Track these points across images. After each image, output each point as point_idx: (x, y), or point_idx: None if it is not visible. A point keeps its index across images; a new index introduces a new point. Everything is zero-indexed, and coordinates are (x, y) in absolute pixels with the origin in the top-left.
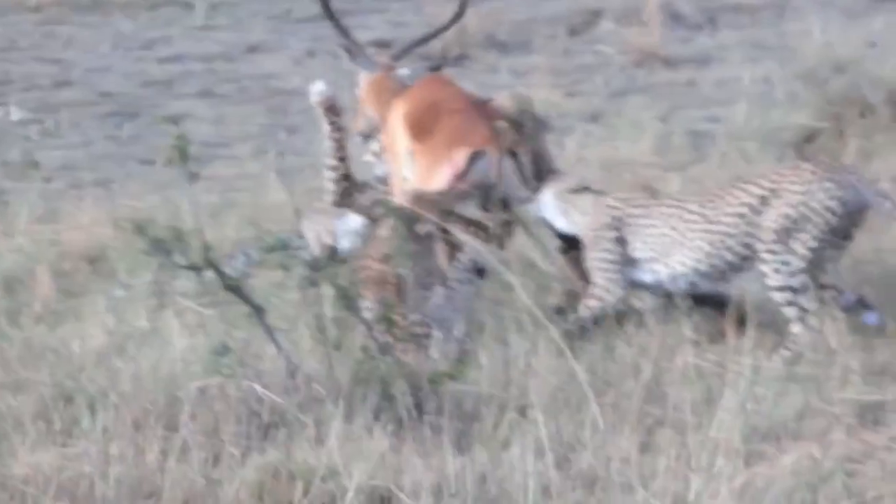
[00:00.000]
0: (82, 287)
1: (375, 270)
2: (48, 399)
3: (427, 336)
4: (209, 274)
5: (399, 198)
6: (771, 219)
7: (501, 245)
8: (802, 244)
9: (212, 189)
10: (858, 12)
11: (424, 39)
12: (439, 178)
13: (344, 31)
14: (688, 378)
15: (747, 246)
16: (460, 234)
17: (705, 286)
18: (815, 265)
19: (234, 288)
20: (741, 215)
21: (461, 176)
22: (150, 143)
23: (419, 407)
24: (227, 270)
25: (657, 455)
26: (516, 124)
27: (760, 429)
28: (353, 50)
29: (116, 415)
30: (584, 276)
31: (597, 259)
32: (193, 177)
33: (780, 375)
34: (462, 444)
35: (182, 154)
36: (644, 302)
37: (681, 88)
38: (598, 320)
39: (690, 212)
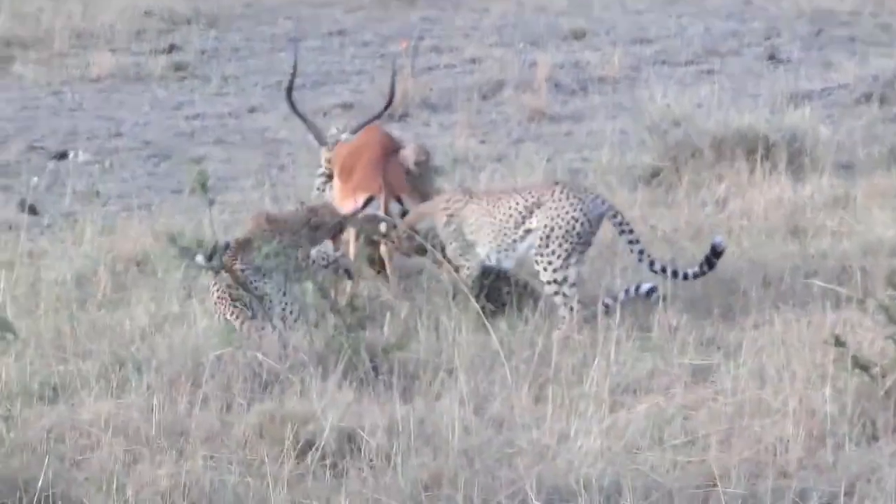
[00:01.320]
0: (132, 282)
1: None
2: (107, 364)
3: None
4: (223, 273)
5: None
6: (535, 226)
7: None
8: (560, 247)
9: (224, 211)
10: (689, 82)
11: (373, 118)
12: (347, 209)
13: (308, 123)
14: (569, 348)
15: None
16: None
17: (508, 262)
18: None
19: (242, 283)
20: (512, 216)
21: (358, 212)
22: (180, 177)
23: (376, 369)
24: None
25: (547, 404)
26: (416, 168)
27: (622, 385)
28: (316, 133)
29: (156, 375)
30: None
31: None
32: (210, 202)
33: (635, 346)
34: (407, 397)
35: (202, 185)
36: (539, 292)
37: (562, 137)
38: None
39: (483, 207)
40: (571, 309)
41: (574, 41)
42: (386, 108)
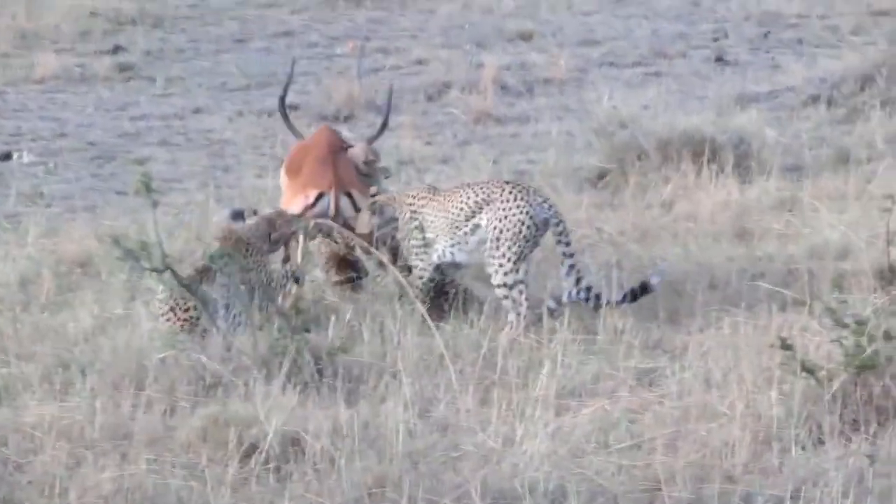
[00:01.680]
0: (75, 284)
1: None
2: (50, 366)
3: None
4: (167, 274)
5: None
6: (485, 224)
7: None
8: (509, 249)
9: (168, 213)
10: (636, 84)
11: (374, 138)
12: (295, 208)
13: (293, 129)
14: (515, 351)
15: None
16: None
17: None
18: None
19: (186, 286)
20: (462, 210)
21: (308, 208)
22: (124, 179)
23: (320, 372)
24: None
25: (492, 407)
26: (365, 166)
27: (567, 388)
28: (293, 130)
29: (100, 378)
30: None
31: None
32: (155, 203)
33: (581, 349)
34: (351, 400)
35: (146, 187)
36: (482, 293)
37: (508, 139)
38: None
39: (440, 203)
40: (519, 314)
41: (521, 43)
42: (382, 129)
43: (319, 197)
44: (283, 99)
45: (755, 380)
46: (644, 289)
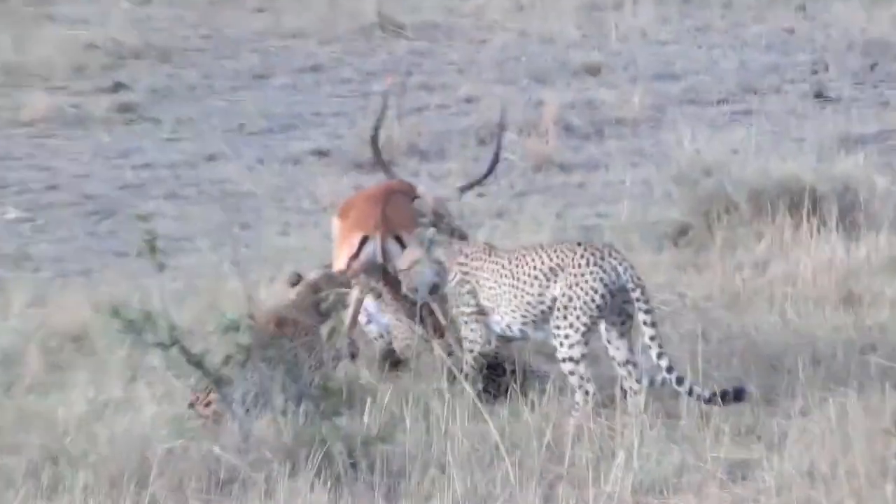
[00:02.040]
0: (67, 362)
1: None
2: (37, 459)
3: None
4: (174, 350)
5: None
6: (556, 294)
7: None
8: (577, 320)
9: (177, 277)
10: (722, 125)
11: (478, 181)
12: (342, 257)
13: (385, 167)
14: (584, 439)
15: (543, 304)
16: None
17: (536, 334)
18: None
19: (197, 363)
20: (537, 278)
21: (353, 256)
22: (125, 238)
23: (354, 465)
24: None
25: None
26: (433, 216)
27: (646, 483)
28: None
29: (95, 473)
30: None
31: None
32: (161, 267)
33: (661, 436)
34: (391, 498)
35: (151, 247)
36: (542, 368)
37: (573, 189)
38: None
39: (503, 267)
40: (587, 392)
41: (587, 77)
42: (490, 170)
43: (364, 241)
44: (375, 136)
45: (867, 472)
46: (738, 395)
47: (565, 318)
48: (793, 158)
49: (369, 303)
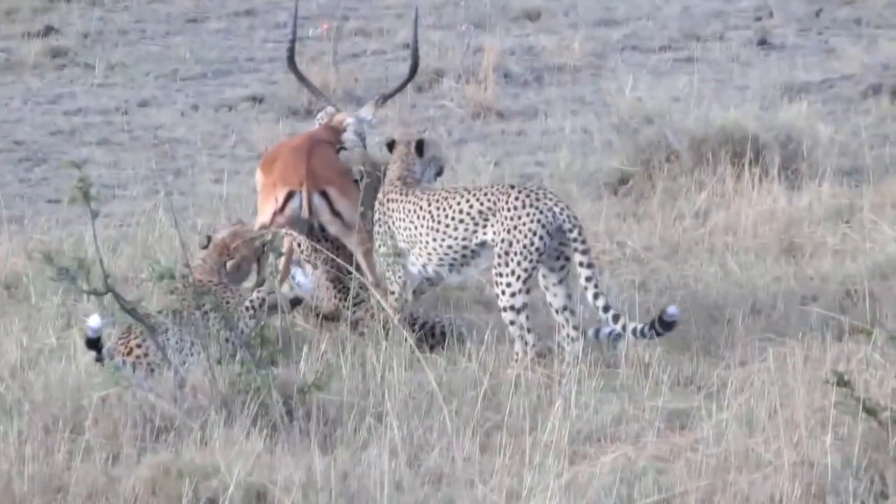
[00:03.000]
0: (0, 310)
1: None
2: None
3: None
4: (108, 297)
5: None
6: (491, 240)
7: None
8: (518, 266)
9: (110, 224)
10: (664, 72)
11: (387, 97)
12: (267, 211)
13: (315, 91)
14: (521, 388)
15: (467, 249)
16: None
17: (451, 277)
18: (544, 287)
19: (131, 310)
20: (462, 221)
21: (279, 211)
22: (57, 185)
23: (290, 413)
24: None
25: (495, 455)
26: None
27: (583, 432)
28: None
29: (30, 420)
30: None
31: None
32: (94, 214)
33: (599, 386)
34: (327, 446)
35: (84, 194)
36: (480, 319)
37: (512, 137)
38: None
39: (421, 208)
40: (527, 343)
41: (527, 23)
42: (411, 75)
43: (289, 196)
44: (291, 55)
45: (807, 422)
46: (664, 323)
47: (507, 264)
48: (735, 107)
49: (295, 270)
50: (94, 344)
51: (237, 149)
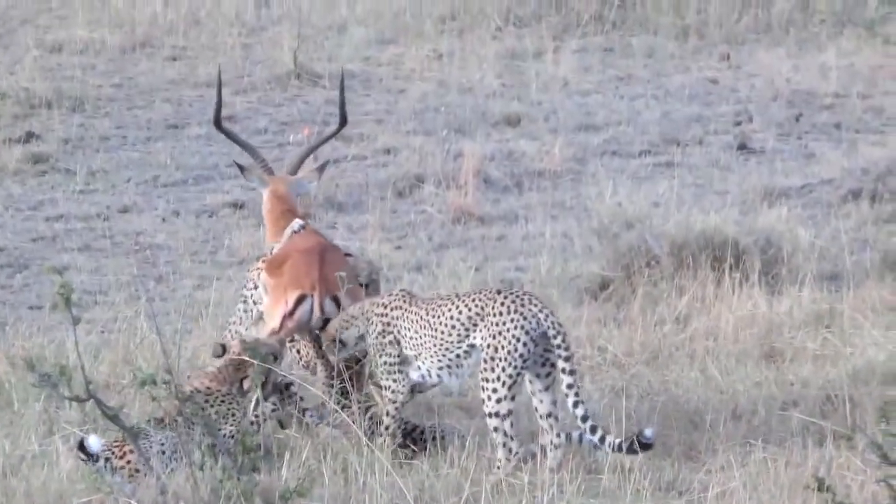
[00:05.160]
0: None
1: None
2: None
3: None
4: (90, 404)
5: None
6: (476, 343)
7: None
8: (503, 371)
9: (91, 330)
10: (644, 177)
11: (312, 149)
12: (276, 316)
13: (248, 148)
14: (503, 494)
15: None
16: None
17: (451, 381)
18: (531, 393)
19: (113, 416)
20: (454, 328)
21: (288, 315)
22: (39, 291)
23: None
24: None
25: None
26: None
27: None
28: (247, 168)
29: None
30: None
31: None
32: (76, 320)
33: (581, 491)
34: None
35: (66, 300)
36: (462, 425)
37: (492, 242)
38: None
39: (421, 317)
40: (510, 450)
41: (507, 128)
42: (339, 127)
43: (301, 300)
44: (217, 116)
45: None
46: (641, 444)
47: (492, 370)
48: (715, 211)
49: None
50: (87, 453)
51: (218, 255)
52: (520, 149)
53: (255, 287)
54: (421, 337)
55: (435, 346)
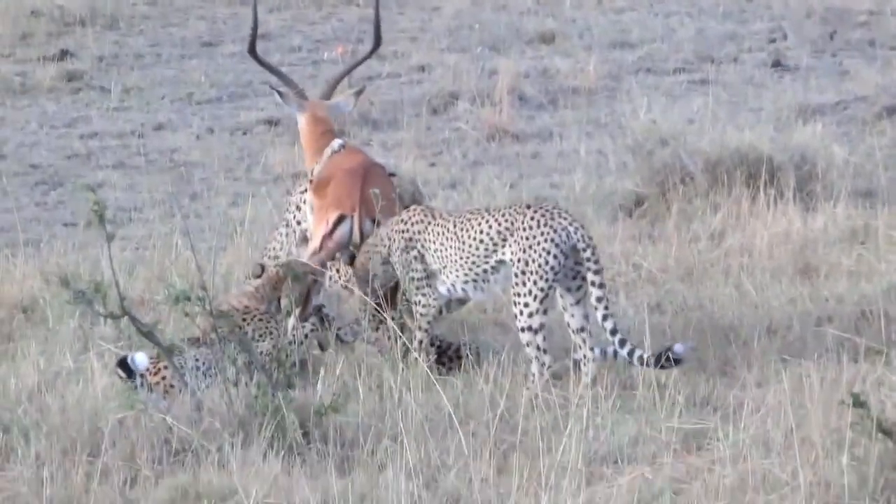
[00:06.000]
0: (18, 333)
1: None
2: None
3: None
4: (125, 320)
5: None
6: (506, 258)
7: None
8: (534, 285)
9: (126, 248)
10: (679, 94)
11: (346, 72)
12: (318, 236)
13: (281, 76)
14: (537, 409)
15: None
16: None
17: (476, 295)
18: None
19: (147, 333)
20: (482, 241)
21: (328, 235)
22: (73, 208)
23: (307, 435)
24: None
25: (511, 476)
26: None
27: (600, 453)
28: (285, 93)
29: (47, 443)
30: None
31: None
32: (110, 237)
33: (616, 407)
34: (344, 468)
35: (100, 217)
36: (497, 341)
37: (527, 159)
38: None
39: (448, 230)
40: (543, 363)
41: (541, 45)
42: (374, 49)
43: (340, 220)
44: (253, 44)
45: (823, 443)
46: (671, 359)
47: (524, 284)
48: (750, 128)
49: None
50: (128, 371)
51: (253, 172)
52: (554, 66)
53: (299, 208)
54: (447, 250)
55: (461, 259)
